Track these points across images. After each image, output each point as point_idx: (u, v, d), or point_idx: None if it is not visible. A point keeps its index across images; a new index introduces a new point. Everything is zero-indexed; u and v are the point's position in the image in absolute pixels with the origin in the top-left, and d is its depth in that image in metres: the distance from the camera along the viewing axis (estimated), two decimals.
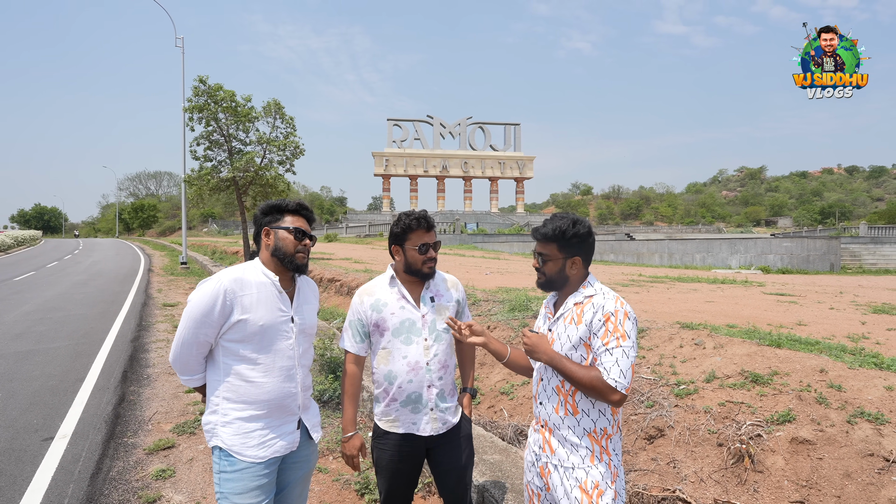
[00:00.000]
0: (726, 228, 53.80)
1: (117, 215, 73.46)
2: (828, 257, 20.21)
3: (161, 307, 10.75)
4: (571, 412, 1.74)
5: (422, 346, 2.11)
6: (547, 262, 1.79)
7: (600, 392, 1.60)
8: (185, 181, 16.86)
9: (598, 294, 1.74)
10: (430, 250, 2.12)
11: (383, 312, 2.10)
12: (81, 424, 4.39)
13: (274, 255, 1.88)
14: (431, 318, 2.14)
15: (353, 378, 2.15)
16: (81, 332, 8.15)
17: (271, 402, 1.84)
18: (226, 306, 1.76)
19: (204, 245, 29.54)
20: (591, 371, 1.63)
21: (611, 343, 1.62)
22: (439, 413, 2.14)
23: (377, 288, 2.18)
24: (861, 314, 5.67)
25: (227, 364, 1.82)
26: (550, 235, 1.77)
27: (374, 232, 41.09)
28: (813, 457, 2.66)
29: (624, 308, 1.68)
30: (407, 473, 2.16)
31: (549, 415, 1.79)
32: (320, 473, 3.54)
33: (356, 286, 9.55)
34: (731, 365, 3.42)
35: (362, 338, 2.16)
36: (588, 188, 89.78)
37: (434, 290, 2.20)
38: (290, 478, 1.96)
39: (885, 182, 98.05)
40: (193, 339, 1.79)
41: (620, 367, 1.59)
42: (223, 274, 1.83)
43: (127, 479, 3.46)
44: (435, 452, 2.17)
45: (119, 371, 5.97)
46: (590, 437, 1.72)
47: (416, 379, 2.09)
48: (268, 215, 1.92)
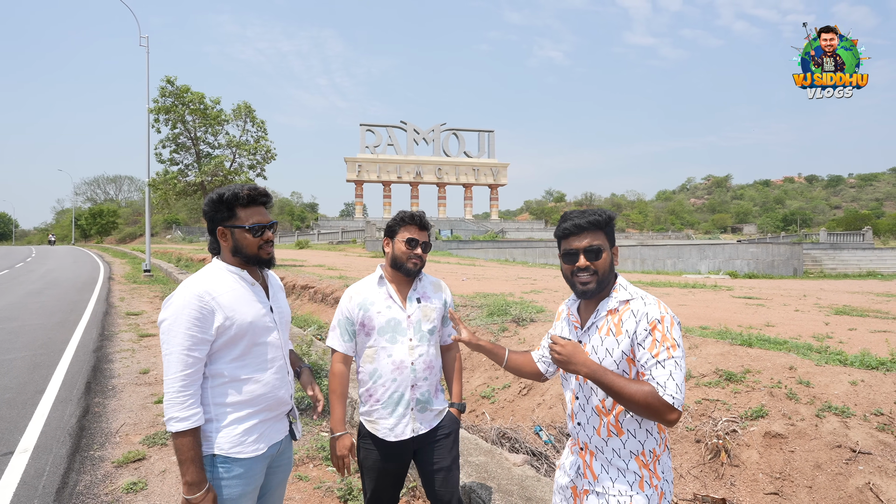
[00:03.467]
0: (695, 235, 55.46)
1: (73, 221, 70.16)
2: (791, 262, 21.17)
3: (124, 316, 10.33)
4: (616, 433, 1.53)
5: (406, 345, 2.12)
6: (601, 254, 1.55)
7: (656, 410, 1.37)
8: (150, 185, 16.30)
9: (636, 299, 1.52)
10: (418, 247, 2.15)
11: (370, 311, 2.12)
12: (44, 438, 4.16)
13: (236, 255, 1.78)
14: (417, 319, 2.16)
15: (341, 377, 2.15)
16: (39, 342, 7.74)
17: (268, 395, 1.79)
18: (205, 311, 1.64)
19: (168, 252, 28.55)
20: (643, 386, 1.39)
21: (661, 354, 1.41)
22: (419, 413, 2.14)
23: (365, 287, 2.19)
24: (824, 315, 5.98)
25: (218, 369, 1.73)
26: (601, 222, 1.55)
27: (346, 239, 40.62)
28: (785, 450, 2.79)
29: (669, 313, 1.47)
30: (393, 474, 2.16)
31: (589, 437, 1.59)
32: (301, 481, 3.47)
33: (330, 293, 9.42)
34: (706, 364, 3.54)
35: (350, 337, 2.16)
36: (561, 195, 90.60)
37: (421, 291, 2.22)
38: (272, 482, 1.92)
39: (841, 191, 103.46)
40: (189, 357, 1.62)
41: (676, 381, 1.38)
42: (189, 282, 1.70)
43: (95, 492, 3.30)
44: (421, 452, 2.18)
45: (82, 382, 5.69)
46: (637, 461, 1.52)
47: (401, 378, 2.10)
48: (218, 212, 1.76)
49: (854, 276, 20.27)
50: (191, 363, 1.62)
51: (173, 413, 1.60)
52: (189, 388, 1.62)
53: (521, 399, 4.18)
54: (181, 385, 1.61)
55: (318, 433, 4.21)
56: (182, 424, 1.59)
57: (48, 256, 33.99)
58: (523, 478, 2.90)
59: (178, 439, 1.59)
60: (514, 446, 3.72)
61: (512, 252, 27.25)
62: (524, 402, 4.14)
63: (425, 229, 2.19)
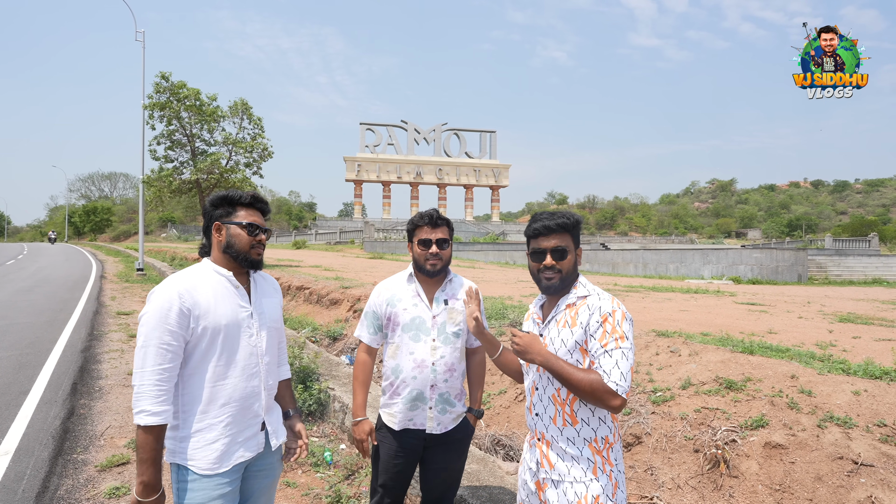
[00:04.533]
0: (698, 239, 55.35)
1: (67, 218, 69.63)
2: (795, 268, 21.23)
3: (115, 315, 10.19)
4: (570, 422, 1.64)
5: (429, 345, 2.15)
6: (567, 255, 1.67)
7: (600, 397, 1.50)
8: (144, 182, 16.14)
9: (592, 295, 1.65)
10: (433, 246, 2.15)
11: (397, 307, 2.18)
12: (26, 440, 4.05)
13: (226, 251, 1.78)
14: (442, 321, 2.19)
15: (365, 366, 2.25)
16: (26, 341, 7.60)
17: (233, 404, 1.73)
18: (183, 310, 1.64)
19: (162, 251, 28.33)
20: (590, 374, 1.52)
21: (609, 344, 1.53)
22: (437, 413, 2.17)
23: (395, 283, 2.25)
24: (828, 323, 5.94)
25: (188, 373, 1.69)
26: (569, 225, 1.67)
27: (345, 239, 40.39)
28: (786, 461, 2.72)
29: (621, 308, 1.60)
30: (402, 470, 2.20)
31: (546, 427, 1.70)
32: (289, 488, 3.38)
33: (326, 294, 9.32)
34: (706, 372, 3.48)
35: (376, 329, 2.24)
36: (563, 197, 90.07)
37: (450, 293, 2.24)
38: (255, 486, 1.86)
39: (848, 196, 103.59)
40: (165, 353, 1.62)
41: (621, 370, 1.50)
42: (172, 278, 1.72)
43: (77, 497, 3.20)
44: (429, 451, 2.22)
45: (68, 383, 5.58)
46: (590, 448, 1.62)
47: (421, 377, 2.14)
48: (219, 208, 1.80)
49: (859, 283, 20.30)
50: (168, 358, 1.61)
51: (145, 406, 1.57)
52: (164, 384, 1.60)
53: (516, 405, 4.10)
54: (157, 378, 1.59)
55: (309, 438, 4.12)
56: (152, 419, 1.57)
57: (40, 254, 33.71)
58: (516, 486, 2.83)
59: (144, 435, 1.57)
60: (508, 454, 3.64)
61: (512, 255, 27.21)
62: (520, 408, 4.07)
63: (438, 226, 2.18)
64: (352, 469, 3.56)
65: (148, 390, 1.58)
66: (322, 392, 4.45)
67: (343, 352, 6.84)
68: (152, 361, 1.60)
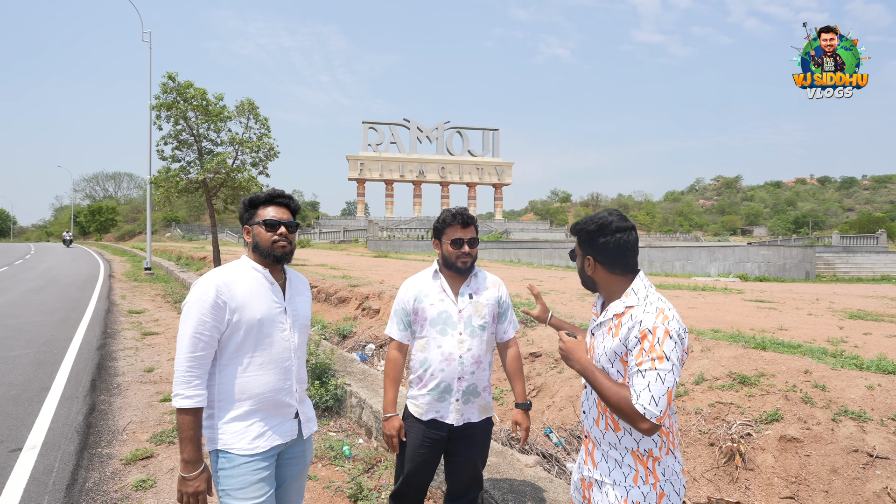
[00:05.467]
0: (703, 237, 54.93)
1: (72, 218, 69.90)
2: (803, 266, 21.12)
3: (126, 314, 10.29)
4: (612, 427, 1.59)
5: (456, 339, 2.21)
6: (576, 256, 1.74)
7: (627, 416, 1.43)
8: (152, 182, 16.24)
9: (638, 305, 1.53)
10: (465, 245, 2.22)
11: (423, 303, 2.25)
12: (51, 434, 4.14)
13: (255, 250, 1.90)
14: (468, 314, 2.25)
15: (396, 363, 2.30)
16: (42, 339, 7.71)
17: (267, 395, 1.83)
18: (219, 302, 1.74)
19: (168, 250, 28.47)
20: (621, 389, 1.45)
21: (644, 364, 1.42)
22: (463, 405, 2.24)
23: (421, 280, 2.32)
24: (838, 319, 5.96)
25: (223, 364, 1.80)
26: (573, 228, 1.73)
27: (348, 238, 40.48)
28: (801, 454, 2.77)
29: (665, 325, 1.45)
30: (426, 460, 2.27)
31: (590, 427, 1.68)
32: (311, 481, 3.45)
33: (334, 293, 9.40)
34: (719, 367, 3.53)
35: (405, 326, 2.30)
36: (567, 195, 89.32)
37: (474, 287, 2.30)
38: (287, 474, 1.96)
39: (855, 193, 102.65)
40: (198, 342, 1.73)
41: (652, 393, 1.39)
42: (213, 272, 1.84)
43: (105, 489, 3.29)
44: (452, 443, 2.28)
45: (87, 380, 5.67)
46: (633, 456, 1.56)
47: (448, 369, 2.20)
48: (245, 212, 1.94)
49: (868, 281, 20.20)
50: (201, 346, 1.72)
51: (179, 390, 1.70)
52: (196, 370, 1.72)
53: (531, 399, 4.16)
54: (189, 366, 1.71)
55: (326, 433, 4.19)
56: (186, 402, 1.70)
57: (47, 254, 33.92)
58: (536, 479, 2.89)
59: (181, 416, 1.71)
60: (523, 448, 3.71)
61: (517, 253, 27.20)
62: (534, 403, 4.13)
63: (469, 225, 2.25)
64: (371, 463, 3.63)
65: (181, 376, 1.71)
66: (338, 388, 4.52)
67: (353, 349, 6.91)
68: (186, 349, 1.72)
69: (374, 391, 4.31)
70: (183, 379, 1.70)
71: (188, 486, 1.72)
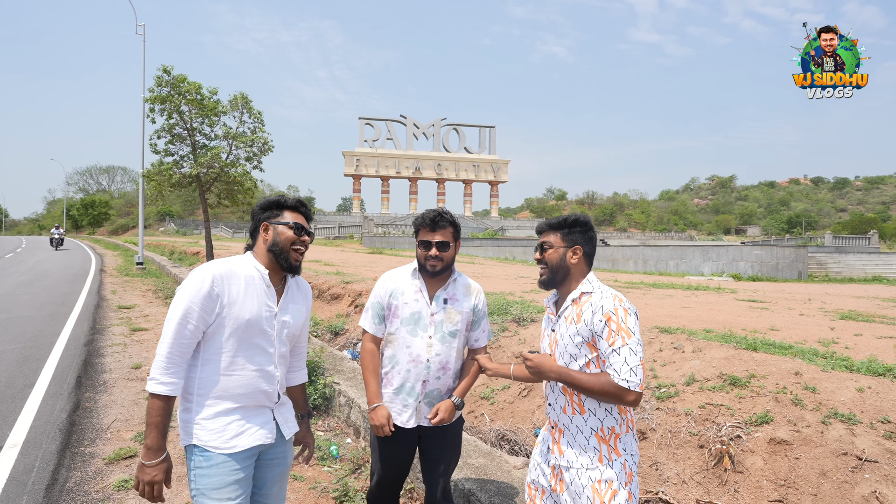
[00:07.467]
0: (697, 236, 55.12)
1: (65, 212, 69.34)
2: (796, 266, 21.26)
3: (116, 309, 10.20)
4: (578, 411, 1.74)
5: (425, 342, 2.19)
6: (547, 249, 1.82)
7: (615, 396, 1.59)
8: (144, 176, 16.08)
9: (595, 292, 1.73)
10: (433, 248, 2.17)
11: (398, 300, 2.22)
12: (33, 433, 4.07)
13: (270, 249, 1.87)
14: (440, 319, 2.21)
15: (373, 355, 2.27)
16: (28, 334, 7.61)
17: (247, 396, 1.81)
18: (213, 294, 1.73)
19: (161, 245, 28.29)
20: (601, 378, 1.62)
21: (616, 343, 1.61)
22: (426, 407, 2.23)
23: (400, 276, 2.29)
24: (830, 320, 5.95)
25: (205, 358, 1.78)
26: (555, 224, 1.84)
27: (343, 234, 40.32)
28: (790, 457, 2.75)
29: (623, 305, 1.67)
30: (398, 458, 2.25)
31: (558, 416, 1.81)
32: (296, 481, 3.41)
33: (327, 289, 9.34)
34: (710, 368, 3.51)
35: (380, 319, 2.27)
36: (563, 193, 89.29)
37: (451, 293, 2.26)
38: (268, 476, 1.93)
39: (848, 193, 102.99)
40: (184, 329, 1.71)
41: (630, 366, 1.58)
42: (212, 262, 1.82)
43: (86, 490, 3.23)
44: (424, 441, 2.28)
45: (73, 376, 5.59)
46: (597, 437, 1.71)
47: (415, 371, 2.19)
48: (266, 211, 1.91)
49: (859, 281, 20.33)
50: (186, 334, 1.70)
51: (156, 375, 1.69)
52: (176, 358, 1.70)
53: (520, 400, 4.13)
54: (170, 352, 1.69)
55: (314, 432, 4.14)
56: (160, 388, 1.68)
57: (38, 247, 33.61)
58: (524, 481, 2.86)
59: (153, 400, 1.69)
60: (513, 448, 3.67)
61: (512, 250, 27.20)
62: (524, 403, 4.09)
63: (441, 228, 2.19)
64: (358, 463, 3.58)
65: (161, 360, 1.69)
66: (327, 387, 4.47)
67: (345, 346, 6.86)
68: (171, 334, 1.69)
69: (363, 390, 4.27)
70: (162, 364, 1.68)
71: (146, 474, 1.69)
